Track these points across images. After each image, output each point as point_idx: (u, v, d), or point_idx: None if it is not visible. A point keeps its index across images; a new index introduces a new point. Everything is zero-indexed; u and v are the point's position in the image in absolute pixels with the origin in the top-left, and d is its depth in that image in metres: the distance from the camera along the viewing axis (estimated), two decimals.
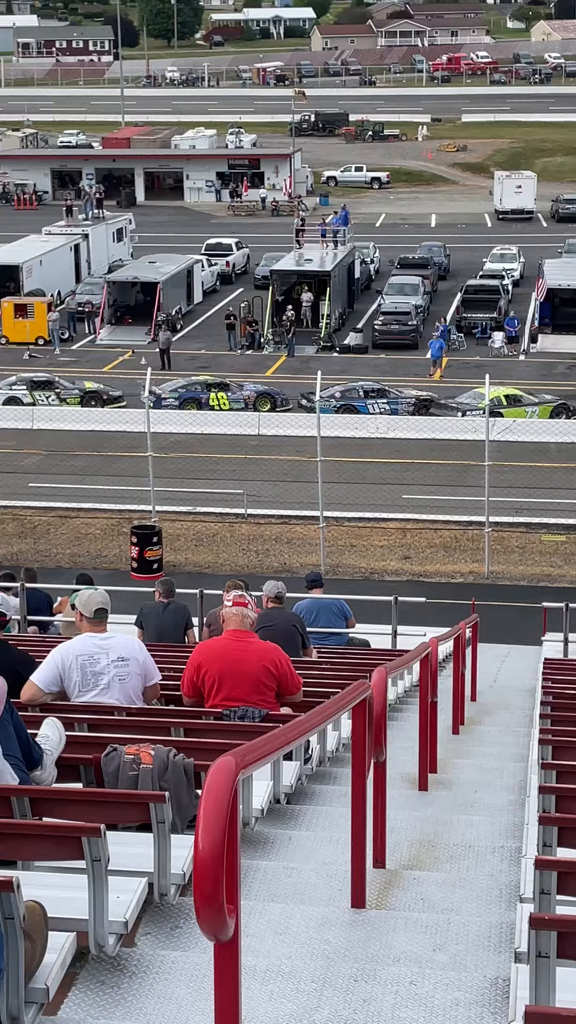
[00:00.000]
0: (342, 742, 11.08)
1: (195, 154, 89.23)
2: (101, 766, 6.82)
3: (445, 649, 16.44)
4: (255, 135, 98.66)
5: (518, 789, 9.93)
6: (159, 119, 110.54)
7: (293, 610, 14.85)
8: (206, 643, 9.63)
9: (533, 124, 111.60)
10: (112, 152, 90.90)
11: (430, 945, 5.99)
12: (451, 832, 8.41)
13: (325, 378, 33.78)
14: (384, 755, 7.34)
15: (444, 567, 29.49)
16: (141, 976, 5.35)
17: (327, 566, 28.34)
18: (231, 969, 4.07)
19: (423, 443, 38.02)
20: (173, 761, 6.82)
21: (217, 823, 3.87)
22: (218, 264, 62.73)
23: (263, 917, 6.13)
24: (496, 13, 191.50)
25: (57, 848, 5.33)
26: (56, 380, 44.50)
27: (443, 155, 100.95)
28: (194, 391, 43.51)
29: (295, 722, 5.77)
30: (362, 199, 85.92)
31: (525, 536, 30.98)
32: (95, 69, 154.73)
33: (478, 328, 51.94)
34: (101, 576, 25.15)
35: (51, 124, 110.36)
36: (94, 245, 62.77)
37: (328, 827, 8.15)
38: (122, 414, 40.82)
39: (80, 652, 8.46)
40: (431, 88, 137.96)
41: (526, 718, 14.49)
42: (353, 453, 35.90)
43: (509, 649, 22.67)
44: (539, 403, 41.95)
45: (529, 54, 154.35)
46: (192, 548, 30.43)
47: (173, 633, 15.22)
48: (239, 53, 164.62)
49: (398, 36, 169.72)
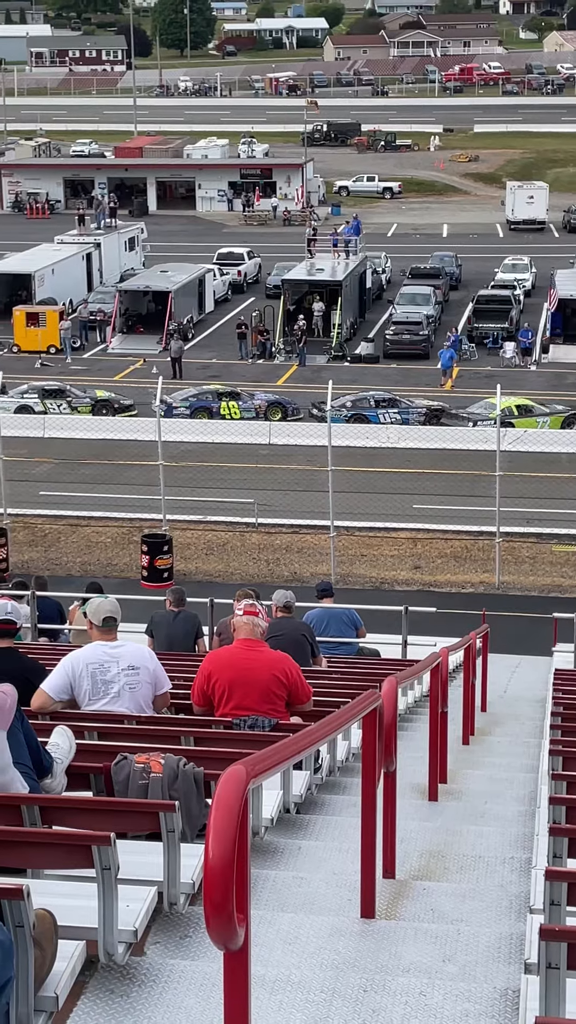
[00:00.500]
0: (352, 752, 11.07)
1: (207, 164, 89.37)
2: (111, 775, 6.82)
3: (455, 659, 16.43)
4: (267, 145, 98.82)
5: (528, 800, 9.91)
6: (171, 129, 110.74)
7: (303, 619, 14.85)
8: (216, 652, 9.63)
9: (545, 135, 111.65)
10: (124, 161, 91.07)
11: (440, 956, 5.98)
12: (461, 843, 8.39)
13: (336, 388, 33.78)
14: (394, 765, 7.34)
15: (454, 577, 29.47)
16: (150, 985, 5.35)
17: (337, 575, 28.32)
18: (241, 978, 4.06)
19: (434, 453, 38.00)
20: (183, 770, 6.82)
21: (227, 832, 3.87)
22: (230, 273, 62.81)
23: (272, 927, 6.13)
24: (509, 24, 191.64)
25: (67, 856, 5.33)
26: (68, 388, 44.57)
27: (455, 165, 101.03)
28: (205, 400, 43.56)
29: (306, 731, 5.77)
30: (374, 209, 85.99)
31: (536, 546, 30.94)
32: (108, 78, 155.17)
33: (489, 338, 51.94)
34: (111, 585, 25.17)
35: (64, 133, 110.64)
36: (106, 254, 62.89)
37: (338, 837, 8.14)
38: (133, 423, 40.83)
39: (91, 660, 8.47)
40: (443, 98, 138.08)
41: (536, 729, 14.47)
42: (364, 463, 35.89)
43: (519, 660, 22.64)
44: (550, 413, 41.92)
45: (541, 65, 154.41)
46: (202, 557, 30.44)
47: (183, 642, 15.22)
48: (251, 63, 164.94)
49: (410, 46, 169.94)
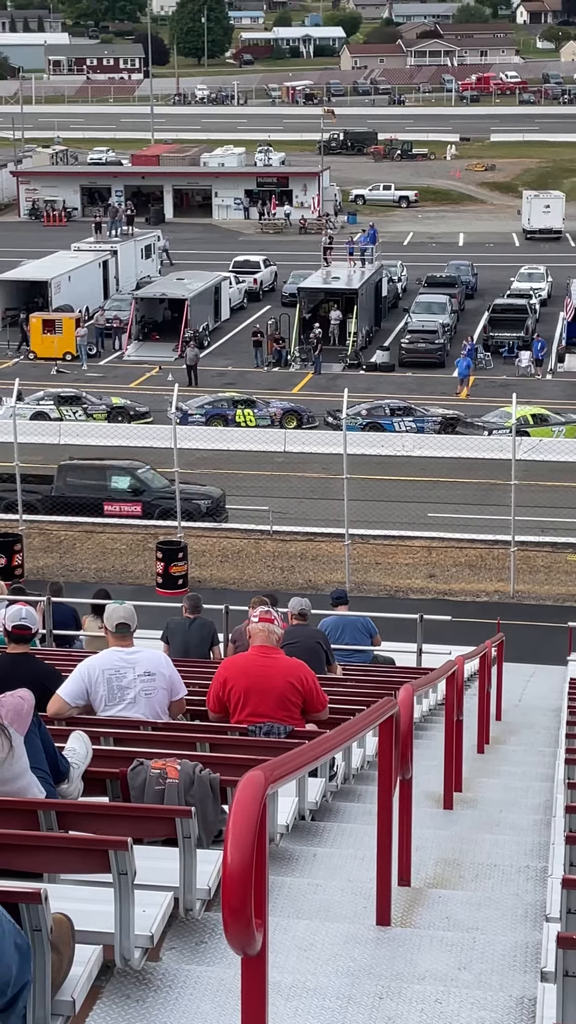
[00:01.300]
0: (367, 759, 11.07)
1: (224, 172, 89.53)
2: (127, 780, 6.83)
3: (470, 668, 16.41)
4: (284, 153, 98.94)
5: (544, 809, 9.90)
6: (188, 137, 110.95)
7: (318, 627, 14.85)
8: (232, 658, 9.64)
9: (562, 144, 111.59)
10: (141, 169, 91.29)
11: (455, 964, 5.98)
12: (476, 851, 8.39)
13: (351, 396, 33.78)
14: (410, 773, 7.34)
15: (469, 586, 29.42)
16: (166, 990, 5.35)
17: (352, 583, 28.30)
18: (258, 984, 4.06)
19: (449, 461, 37.97)
20: (199, 776, 6.82)
21: (246, 837, 3.88)
22: (246, 281, 62.89)
23: (288, 933, 6.13)
24: (526, 33, 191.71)
25: (84, 861, 5.34)
26: (83, 395, 44.66)
27: (471, 174, 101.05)
28: (220, 408, 43.60)
29: (323, 738, 5.77)
30: (390, 218, 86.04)
31: (551, 556, 30.88)
32: (125, 87, 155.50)
33: (505, 347, 51.93)
34: (126, 591, 25.17)
35: (81, 141, 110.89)
36: (122, 262, 63.02)
37: (353, 844, 8.13)
38: (149, 430, 40.89)
39: (106, 666, 8.48)
40: (460, 107, 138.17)
41: (551, 738, 14.45)
42: (379, 471, 35.87)
43: (534, 669, 22.60)
44: (566, 423, 41.88)
45: (559, 74, 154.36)
46: (217, 564, 30.44)
47: (198, 648, 15.24)
48: (268, 71, 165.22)
49: (427, 55, 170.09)
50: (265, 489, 34.90)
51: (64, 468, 33.46)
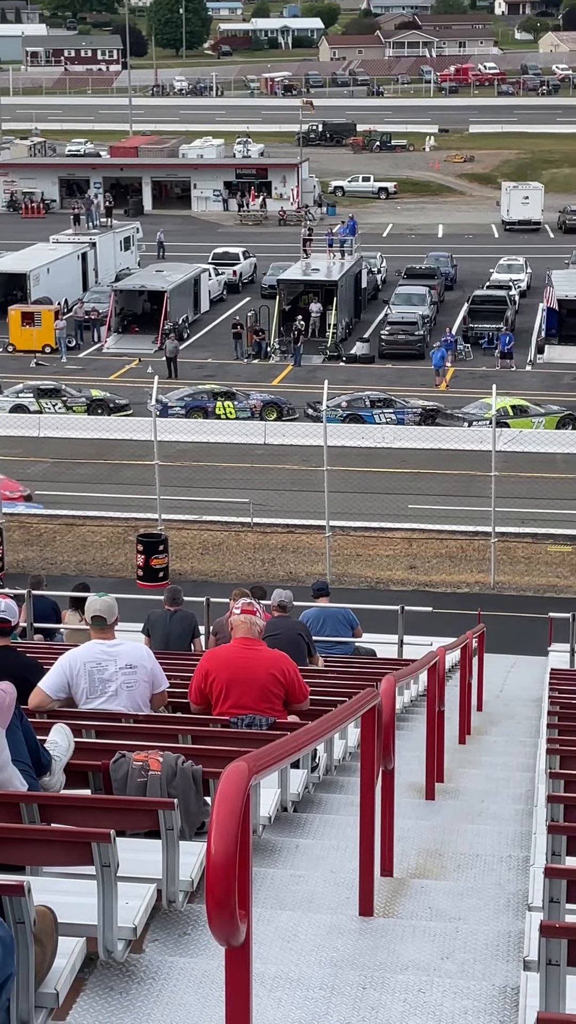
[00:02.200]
0: (348, 751, 11.09)
1: (203, 163, 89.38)
2: (110, 772, 6.82)
3: (451, 659, 16.43)
4: (263, 145, 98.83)
5: (525, 799, 9.92)
6: (167, 128, 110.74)
7: (300, 619, 14.85)
8: (214, 650, 9.63)
9: (540, 135, 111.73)
10: (120, 161, 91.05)
11: (438, 953, 5.99)
12: (458, 841, 8.40)
13: (331, 388, 33.80)
14: (392, 763, 7.35)
15: (450, 577, 29.48)
16: (149, 982, 5.35)
17: (333, 575, 28.32)
18: (242, 975, 4.07)
19: (429, 453, 38.03)
20: (181, 768, 6.82)
21: (230, 827, 3.87)
22: (225, 273, 62.81)
23: (271, 924, 6.13)
24: (504, 24, 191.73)
25: (67, 854, 5.34)
26: (63, 388, 44.56)
27: (450, 166, 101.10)
28: (200, 400, 43.56)
29: (306, 728, 5.78)
30: (369, 209, 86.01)
31: (531, 546, 30.95)
32: (103, 78, 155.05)
33: (485, 338, 51.97)
34: (107, 584, 25.18)
35: (59, 133, 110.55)
36: (101, 253, 62.87)
37: (335, 835, 8.15)
38: (128, 422, 40.82)
39: (88, 659, 8.47)
40: (439, 99, 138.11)
41: (532, 728, 14.49)
42: (359, 463, 35.88)
43: (515, 659, 22.66)
44: (545, 414, 41.98)
45: (537, 65, 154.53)
46: (198, 556, 30.42)
47: (179, 641, 15.22)
48: (247, 63, 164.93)
49: (406, 47, 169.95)
50: (245, 481, 34.90)
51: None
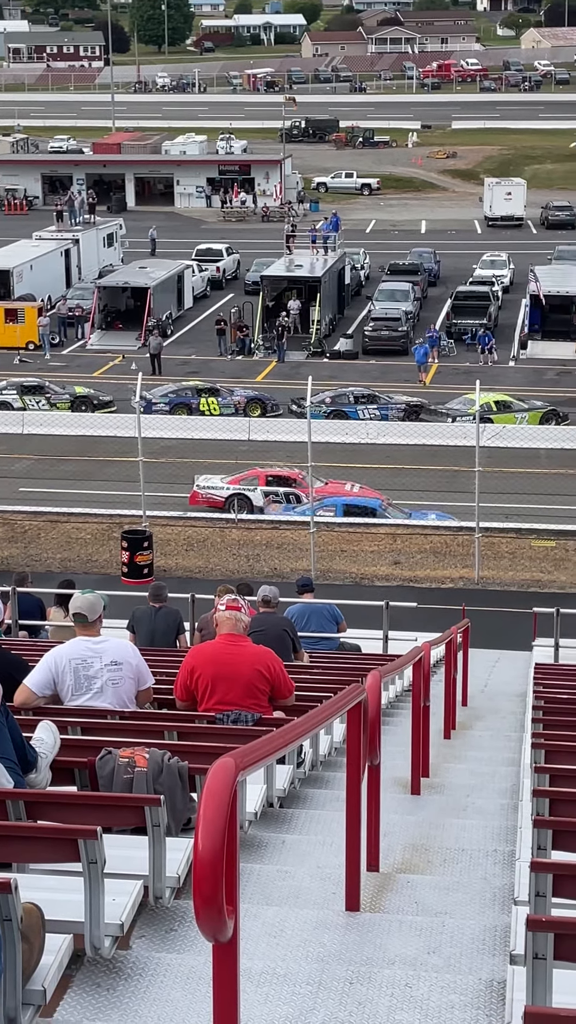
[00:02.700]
0: (334, 746, 11.09)
1: (185, 160, 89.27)
2: (96, 769, 6.82)
3: (436, 654, 16.45)
4: (245, 141, 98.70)
5: (510, 793, 9.94)
6: (150, 125, 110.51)
7: (284, 615, 14.86)
8: (199, 647, 9.64)
9: (523, 131, 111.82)
10: (103, 157, 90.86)
11: (425, 948, 6.00)
12: (444, 836, 8.42)
13: (315, 384, 33.78)
14: (378, 758, 7.36)
15: (434, 572, 29.51)
16: (136, 978, 5.35)
17: (317, 571, 28.34)
18: (230, 970, 4.07)
19: (413, 449, 38.07)
20: (167, 764, 6.82)
21: (217, 823, 3.88)
22: (208, 270, 62.77)
23: (258, 920, 6.13)
24: (486, 20, 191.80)
25: (54, 850, 5.33)
26: (46, 385, 44.47)
27: (433, 162, 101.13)
28: (184, 396, 43.53)
29: (292, 724, 5.78)
30: (352, 205, 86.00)
31: (515, 542, 30.99)
32: (86, 74, 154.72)
33: (468, 334, 52.00)
34: (91, 581, 25.13)
35: (42, 129, 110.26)
36: (85, 250, 62.77)
37: (321, 831, 8.15)
38: (112, 419, 40.79)
39: (73, 656, 8.45)
40: (421, 95, 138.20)
41: (517, 723, 14.51)
42: (343, 458, 35.92)
43: (499, 655, 22.69)
44: (529, 409, 42.04)
45: (519, 61, 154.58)
46: (183, 553, 30.41)
47: (164, 637, 15.22)
48: (229, 59, 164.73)
49: (388, 43, 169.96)
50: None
51: None
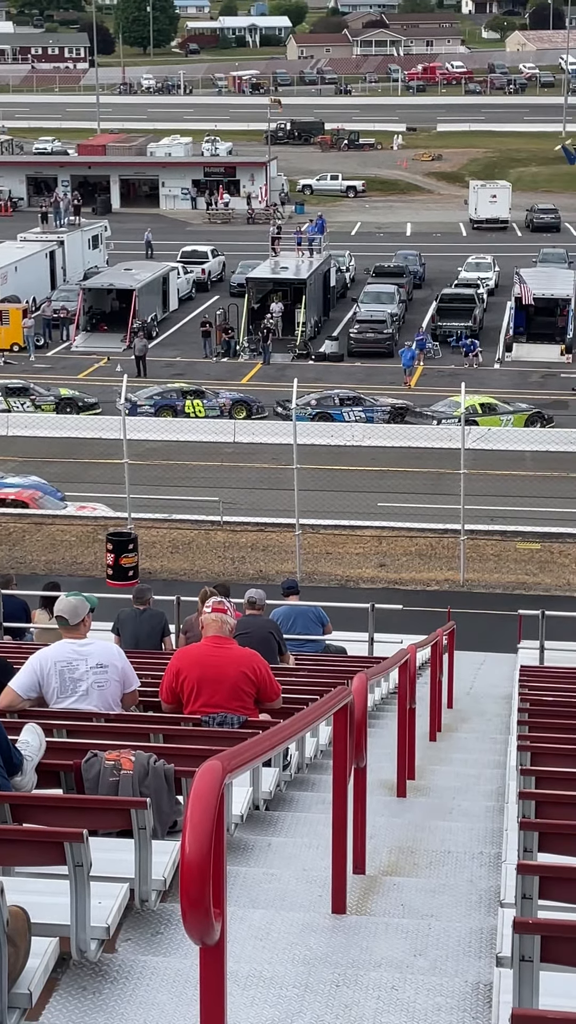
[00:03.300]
0: (320, 749, 11.09)
1: (171, 161, 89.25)
2: (81, 772, 6.81)
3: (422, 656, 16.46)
4: (231, 143, 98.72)
5: (496, 795, 9.95)
6: (135, 126, 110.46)
7: (270, 617, 14.85)
8: (185, 649, 9.62)
9: (508, 134, 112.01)
10: (88, 159, 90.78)
11: (411, 950, 6.00)
12: (430, 838, 8.42)
13: (301, 386, 33.78)
14: (364, 761, 7.35)
15: (420, 575, 29.52)
16: (122, 982, 5.34)
17: (303, 573, 28.33)
18: (217, 973, 4.06)
19: (398, 451, 38.09)
20: (153, 767, 6.81)
21: (204, 826, 3.87)
22: (194, 272, 62.75)
23: (244, 923, 6.13)
24: (471, 23, 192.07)
25: (40, 853, 5.32)
26: (31, 387, 44.42)
27: (418, 164, 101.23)
28: (170, 398, 43.50)
29: (279, 727, 5.77)
30: (338, 208, 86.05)
31: (500, 544, 31.02)
32: (71, 76, 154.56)
33: (453, 337, 52.07)
34: (76, 583, 25.10)
35: (26, 131, 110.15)
36: (70, 252, 62.71)
37: (307, 833, 8.15)
38: (97, 421, 40.76)
39: (59, 658, 8.44)
40: (406, 97, 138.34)
41: (502, 725, 14.52)
42: (329, 461, 35.93)
43: (484, 657, 22.71)
44: (514, 412, 42.10)
45: (504, 64, 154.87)
46: (168, 555, 30.37)
47: (149, 639, 15.19)
48: (215, 61, 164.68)
49: (373, 45, 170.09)
50: (215, 480, 34.86)
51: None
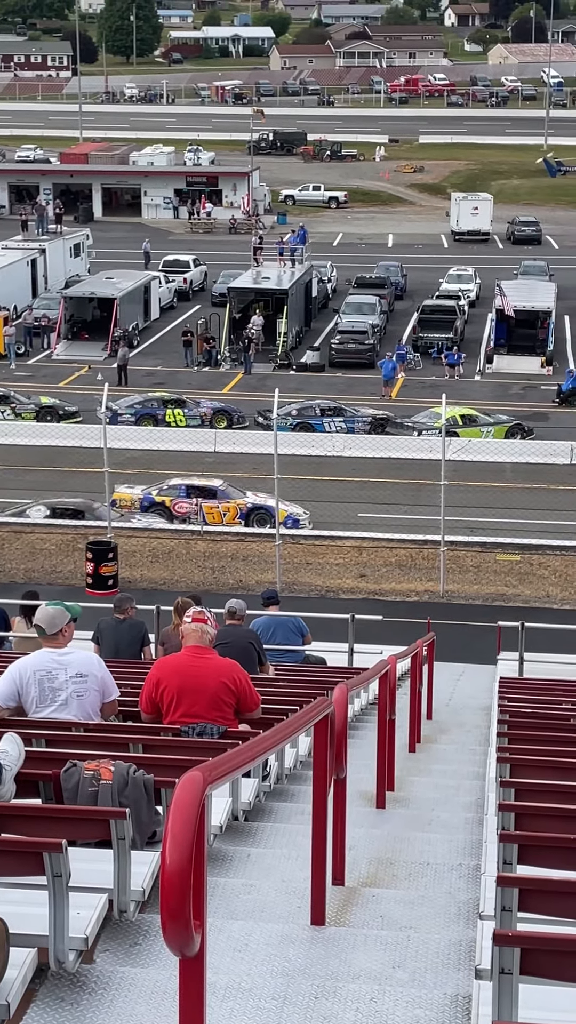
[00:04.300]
0: (299, 759, 11.08)
1: (153, 171, 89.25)
2: (60, 782, 6.78)
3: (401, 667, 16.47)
4: (213, 153, 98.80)
5: (475, 807, 9.95)
6: (117, 135, 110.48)
7: (250, 627, 14.84)
8: (165, 659, 9.61)
9: (490, 146, 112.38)
10: (70, 167, 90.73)
11: (390, 962, 5.99)
12: (409, 850, 8.41)
13: (282, 396, 33.78)
14: (344, 772, 7.35)
15: (400, 585, 29.54)
16: (100, 993, 5.33)
17: (283, 583, 28.32)
18: (196, 985, 4.05)
19: (379, 462, 38.11)
20: (133, 777, 6.79)
21: (185, 837, 3.86)
22: (175, 281, 62.76)
23: (222, 934, 6.11)
24: (454, 36, 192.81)
25: (18, 864, 5.30)
26: (11, 395, 44.34)
27: (400, 176, 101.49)
28: (150, 407, 43.46)
29: (260, 738, 5.77)
30: (320, 218, 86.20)
31: (480, 555, 31.07)
32: (53, 84, 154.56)
33: (434, 348, 52.17)
34: (56, 592, 25.01)
35: (8, 139, 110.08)
36: (51, 260, 62.65)
37: (286, 844, 8.13)
38: (78, 429, 40.70)
39: (38, 667, 8.41)
40: (389, 109, 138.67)
41: (481, 736, 14.53)
42: (309, 471, 35.94)
43: (464, 668, 22.73)
44: (494, 423, 42.18)
45: (486, 77, 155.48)
46: (148, 564, 30.33)
47: (129, 648, 15.17)
48: (198, 71, 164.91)
49: (356, 57, 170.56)
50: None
51: None
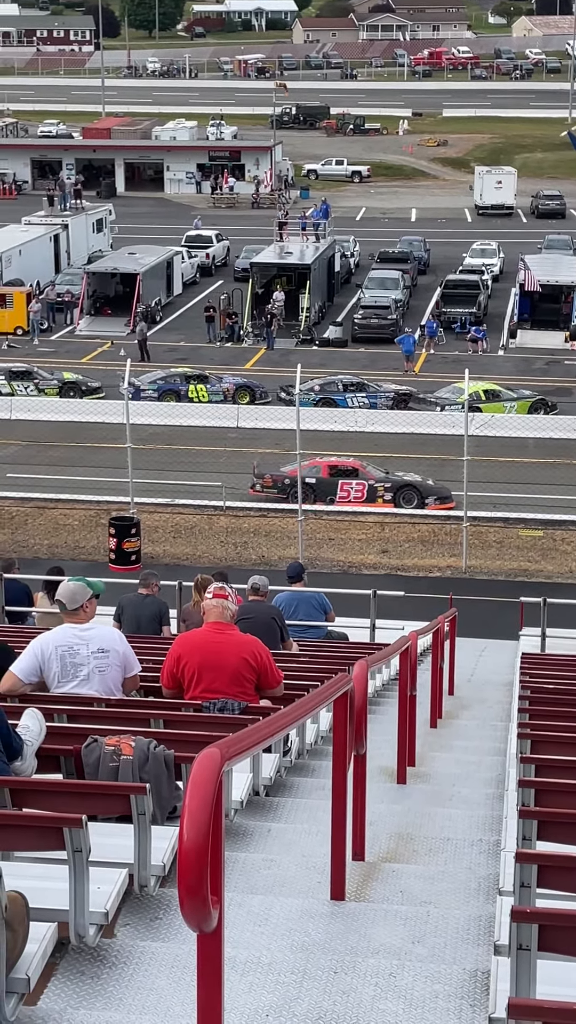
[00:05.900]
0: (320, 735, 11.10)
1: (176, 145, 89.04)
2: (81, 757, 6.81)
3: (423, 643, 16.46)
4: (236, 127, 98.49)
5: (496, 783, 9.96)
6: (140, 110, 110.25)
7: (272, 602, 14.85)
8: (186, 635, 9.63)
9: (514, 120, 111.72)
10: (92, 143, 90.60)
11: (409, 937, 6.01)
12: (429, 825, 8.42)
13: (304, 371, 33.75)
14: (364, 748, 7.36)
15: (422, 561, 29.53)
16: (121, 967, 5.35)
17: (305, 559, 28.31)
18: (214, 960, 4.07)
19: (402, 437, 38.07)
20: (153, 753, 6.81)
21: (202, 814, 3.87)
22: (198, 256, 62.65)
23: (242, 909, 6.14)
24: (478, 8, 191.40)
25: (39, 839, 5.32)
26: (34, 370, 44.39)
27: (424, 149, 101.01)
28: (173, 383, 43.46)
29: (279, 714, 5.78)
30: (343, 193, 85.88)
31: (503, 531, 31.03)
32: (76, 59, 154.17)
33: (457, 323, 51.99)
34: (79, 568, 25.10)
35: (31, 114, 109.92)
36: (74, 235, 62.63)
37: (307, 819, 8.15)
38: (101, 405, 40.73)
39: (60, 643, 8.43)
40: (412, 82, 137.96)
41: (503, 712, 14.53)
42: (332, 446, 35.90)
43: (486, 643, 22.72)
44: (517, 399, 42.05)
45: (510, 49, 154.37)
46: (170, 540, 30.39)
47: (149, 624, 15.18)
48: (220, 45, 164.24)
49: (380, 30, 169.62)
50: (218, 465, 34.84)
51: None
